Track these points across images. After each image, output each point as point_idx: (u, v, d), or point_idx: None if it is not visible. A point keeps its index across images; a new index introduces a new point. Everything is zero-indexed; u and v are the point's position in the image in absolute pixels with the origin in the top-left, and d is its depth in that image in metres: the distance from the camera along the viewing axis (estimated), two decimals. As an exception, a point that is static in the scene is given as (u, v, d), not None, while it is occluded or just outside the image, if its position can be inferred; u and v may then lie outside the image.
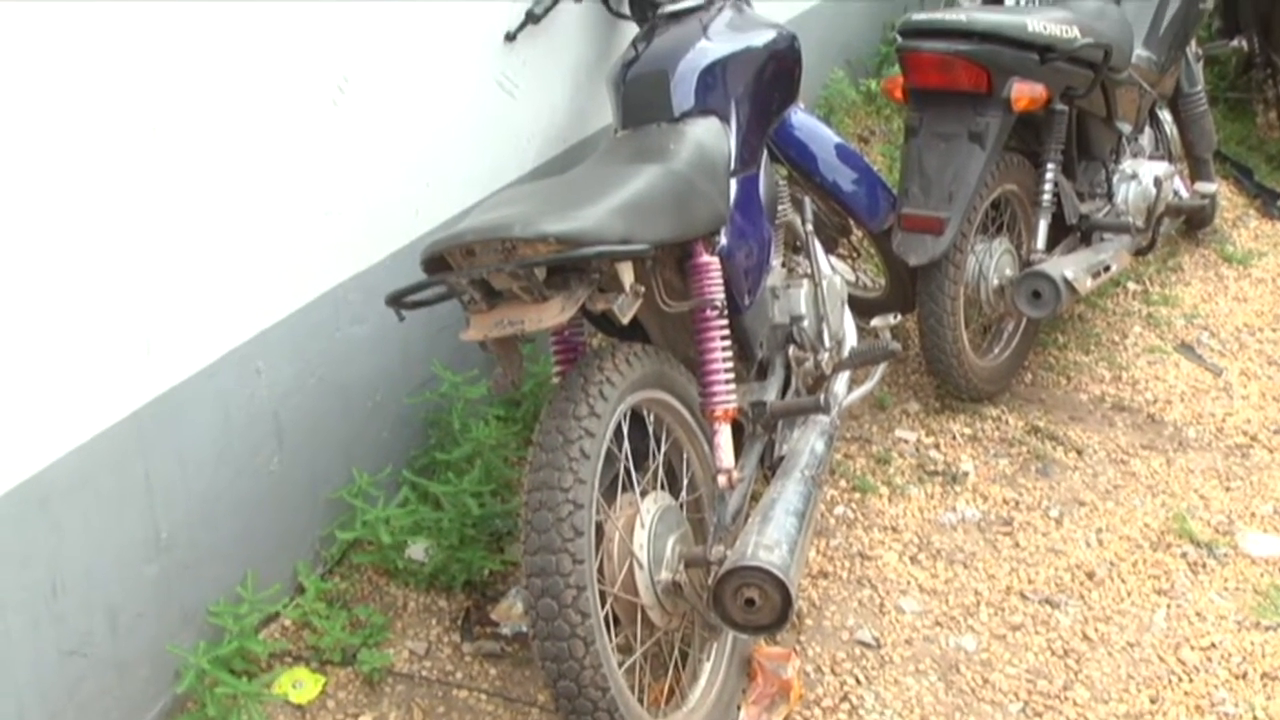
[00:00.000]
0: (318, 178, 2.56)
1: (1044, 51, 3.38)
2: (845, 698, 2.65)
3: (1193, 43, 4.45)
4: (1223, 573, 3.03)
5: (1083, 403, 3.74)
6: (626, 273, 2.26)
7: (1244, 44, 5.26)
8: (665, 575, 2.38)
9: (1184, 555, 3.09)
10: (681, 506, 2.54)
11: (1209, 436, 3.59)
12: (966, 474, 3.38)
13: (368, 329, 2.76)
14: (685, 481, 2.62)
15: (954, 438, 3.54)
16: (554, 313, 2.16)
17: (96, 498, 2.20)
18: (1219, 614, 2.90)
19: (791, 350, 2.93)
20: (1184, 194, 4.22)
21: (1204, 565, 3.06)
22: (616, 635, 2.33)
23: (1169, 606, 2.92)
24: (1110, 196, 3.90)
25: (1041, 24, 3.39)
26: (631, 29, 3.23)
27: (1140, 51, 3.97)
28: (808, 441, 2.77)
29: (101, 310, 2.14)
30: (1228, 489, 3.35)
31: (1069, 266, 3.48)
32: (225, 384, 2.44)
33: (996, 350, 3.73)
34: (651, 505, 2.42)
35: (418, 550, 2.77)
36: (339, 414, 2.76)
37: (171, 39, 2.17)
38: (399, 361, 2.88)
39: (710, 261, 2.51)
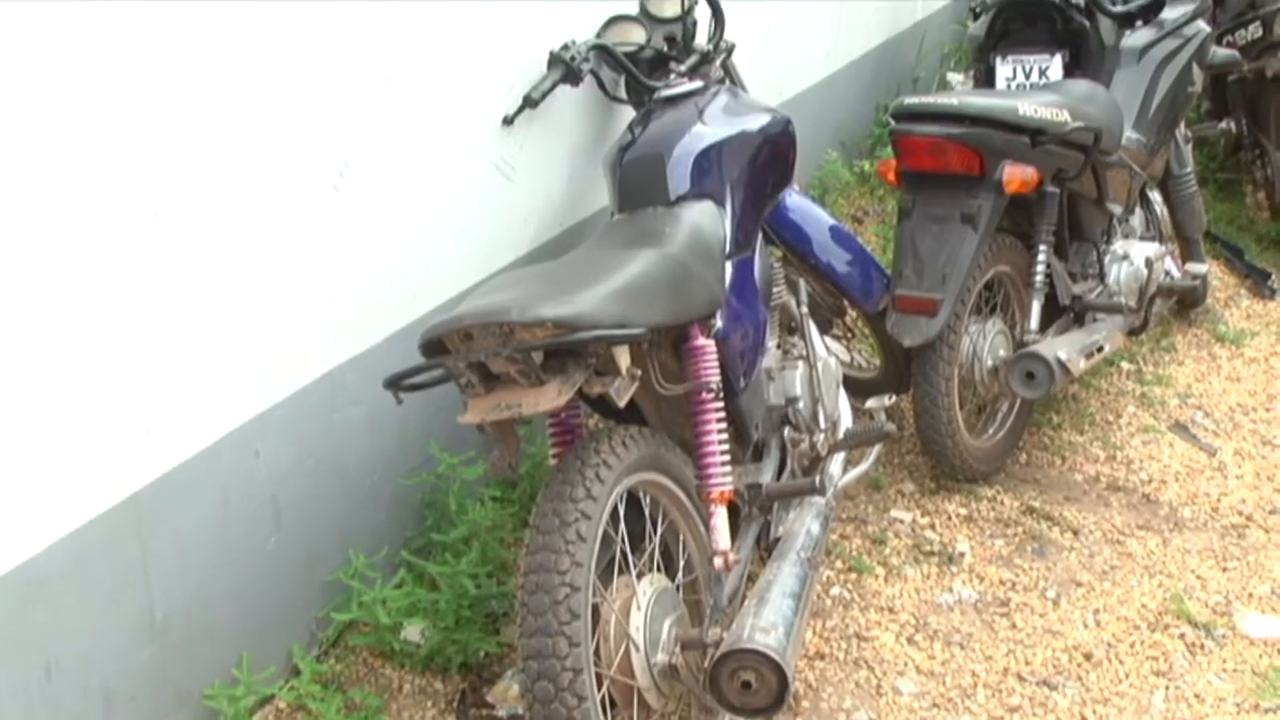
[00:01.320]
0: (318, 261, 2.59)
1: (1035, 135, 3.42)
2: (843, 782, 2.64)
3: (1182, 125, 4.51)
4: (1221, 654, 3.02)
5: (1078, 483, 3.74)
6: (623, 356, 2.28)
7: (1232, 126, 5.34)
8: (662, 658, 2.38)
9: (1182, 636, 3.08)
10: (678, 588, 2.54)
11: (1205, 517, 3.59)
12: (963, 554, 3.38)
13: (365, 410, 2.78)
14: (681, 563, 2.61)
15: (950, 518, 3.54)
16: (551, 396, 2.17)
17: (93, 580, 2.20)
18: (1218, 696, 2.89)
19: (787, 432, 2.95)
20: (1176, 274, 4.26)
21: (1202, 646, 3.05)
22: (613, 718, 2.32)
23: (1167, 688, 2.91)
24: (1102, 277, 3.93)
25: (1032, 108, 3.44)
26: (628, 112, 3.27)
27: (1130, 134, 4.02)
28: (803, 523, 2.78)
29: (102, 393, 2.16)
30: (1224, 569, 3.35)
31: (1062, 347, 3.50)
32: (224, 466, 2.45)
33: (991, 430, 3.74)
34: (648, 587, 2.42)
35: (414, 632, 2.76)
36: (336, 495, 2.77)
37: (175, 123, 2.21)
38: (396, 443, 2.89)
39: (706, 345, 2.53)
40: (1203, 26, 4.36)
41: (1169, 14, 4.31)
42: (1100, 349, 3.72)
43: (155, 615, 2.34)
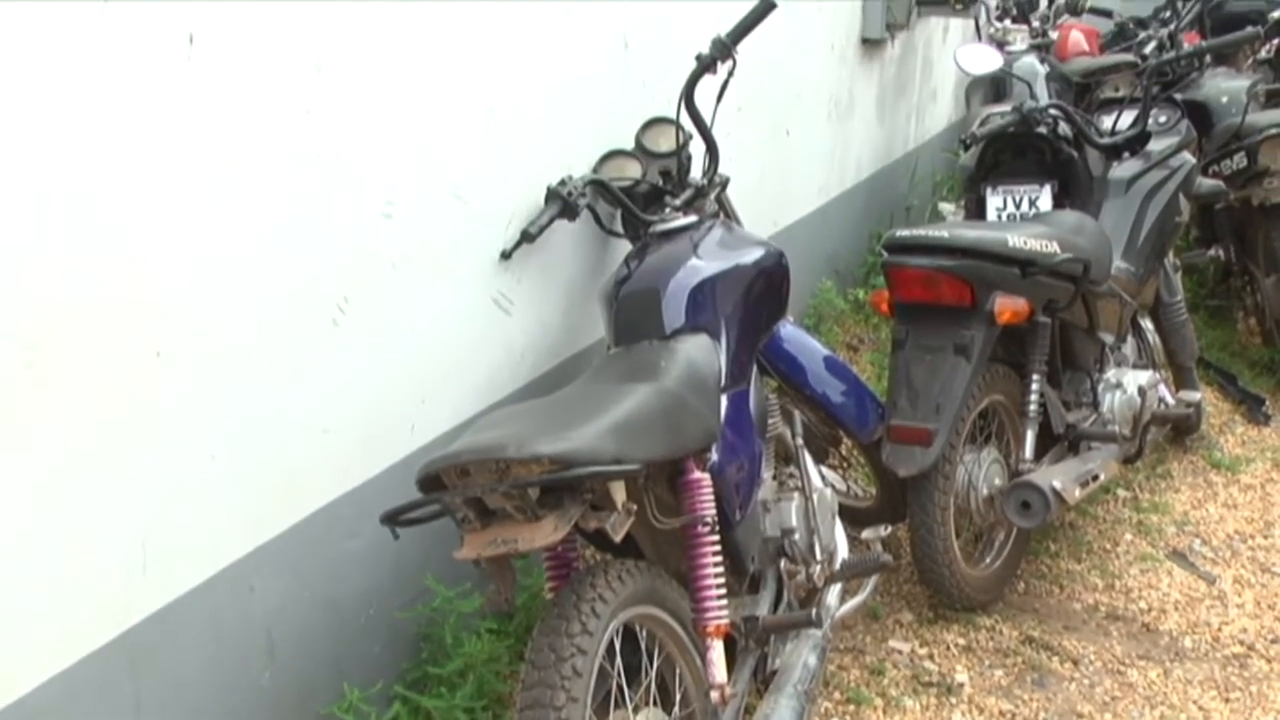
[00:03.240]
0: (317, 396, 2.60)
1: (1025, 266, 3.46)
2: None
3: (1171, 253, 4.57)
4: (1224, 788, 2.99)
5: (1076, 612, 3.73)
6: (619, 491, 2.30)
7: (1221, 253, 5.42)
8: (658, 794, 2.36)
9: (1184, 770, 3.05)
10: (674, 723, 2.53)
11: (1205, 646, 3.57)
12: (961, 685, 3.35)
13: (361, 544, 2.78)
14: (678, 697, 2.59)
15: (948, 648, 3.52)
16: (547, 532, 2.18)
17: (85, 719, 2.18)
18: (1222, 832, 2.85)
19: (783, 563, 2.95)
20: (1169, 401, 4.28)
21: (1205, 781, 3.02)
22: None
23: (1171, 824, 2.87)
24: (1096, 406, 3.96)
25: (1022, 239, 3.49)
26: (624, 246, 3.32)
27: (1119, 263, 4.08)
28: (800, 655, 2.77)
29: (99, 531, 2.16)
30: (1227, 700, 3.32)
31: (1057, 476, 3.51)
32: (218, 601, 2.44)
33: (988, 559, 3.73)
34: (644, 722, 2.41)
35: (408, 768, 2.73)
36: (331, 629, 2.75)
37: (176, 262, 2.24)
38: (392, 575, 2.89)
39: (701, 478, 2.54)
40: (1188, 158, 4.44)
41: (1155, 146, 4.40)
42: (1096, 477, 3.73)
43: (147, 754, 2.32)
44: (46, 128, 1.97)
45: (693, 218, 3.18)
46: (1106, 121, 4.53)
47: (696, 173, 3.42)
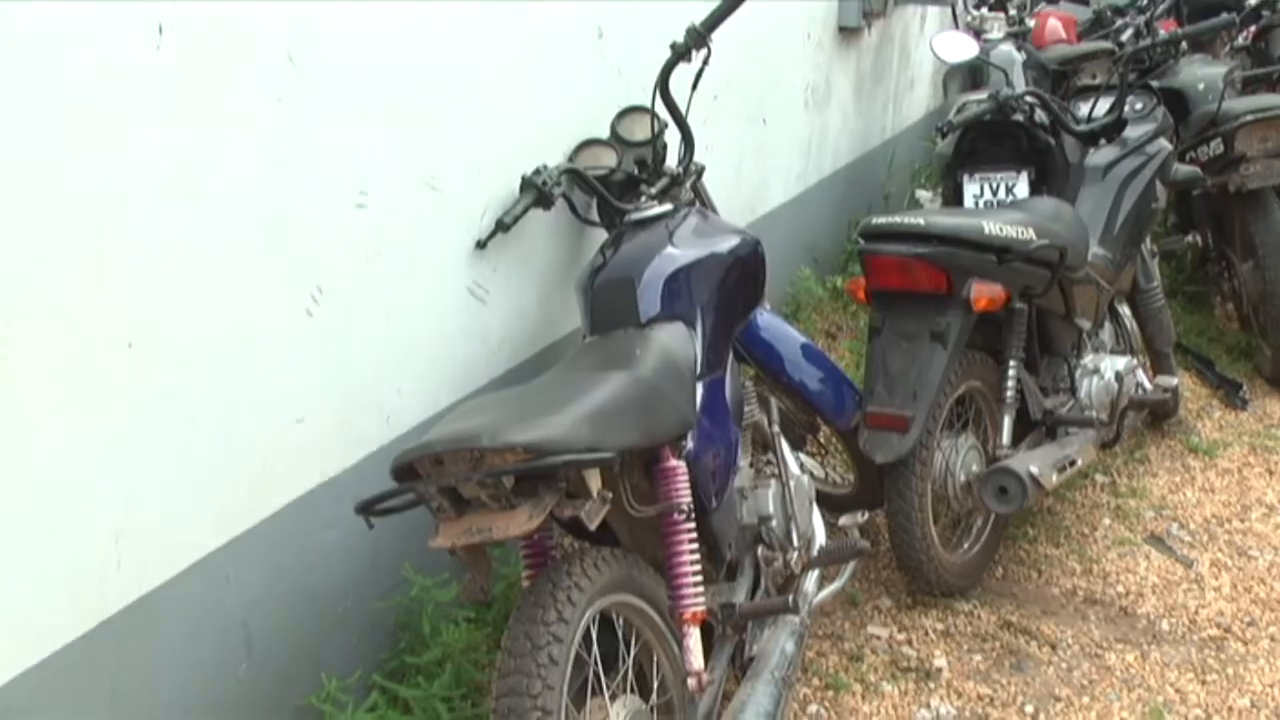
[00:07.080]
0: (291, 386, 2.60)
1: (1001, 253, 3.47)
2: None
3: (1147, 239, 4.58)
4: (1200, 770, 3.01)
5: (1054, 596, 3.74)
6: (594, 479, 2.30)
7: (1198, 239, 5.43)
8: (636, 781, 2.36)
9: (1161, 752, 3.06)
10: (652, 710, 2.53)
11: (1182, 629, 3.59)
12: (940, 670, 3.36)
13: (338, 534, 2.77)
14: (655, 684, 2.61)
15: (926, 633, 3.53)
16: (522, 521, 2.18)
17: (57, 715, 2.17)
18: (1198, 814, 2.87)
19: (760, 550, 2.96)
20: (1147, 387, 4.29)
21: (1181, 763, 3.03)
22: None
23: (1147, 806, 2.89)
24: (1073, 391, 3.97)
25: (998, 226, 3.49)
26: (600, 234, 3.32)
27: (1096, 250, 4.08)
28: (778, 642, 2.78)
29: (72, 526, 2.15)
30: (1204, 682, 3.34)
31: (1035, 462, 3.52)
32: (194, 593, 2.44)
33: (966, 545, 3.74)
34: (621, 709, 2.41)
35: (386, 758, 2.73)
36: (308, 619, 2.75)
37: (146, 252, 2.23)
38: (369, 565, 2.89)
39: (677, 466, 2.54)
40: (1165, 144, 4.44)
41: (1131, 132, 4.40)
42: (1073, 462, 3.74)
43: (122, 748, 2.31)
44: (11, 118, 1.96)
45: (668, 206, 3.18)
46: (1083, 109, 4.53)
47: (672, 161, 3.42)
